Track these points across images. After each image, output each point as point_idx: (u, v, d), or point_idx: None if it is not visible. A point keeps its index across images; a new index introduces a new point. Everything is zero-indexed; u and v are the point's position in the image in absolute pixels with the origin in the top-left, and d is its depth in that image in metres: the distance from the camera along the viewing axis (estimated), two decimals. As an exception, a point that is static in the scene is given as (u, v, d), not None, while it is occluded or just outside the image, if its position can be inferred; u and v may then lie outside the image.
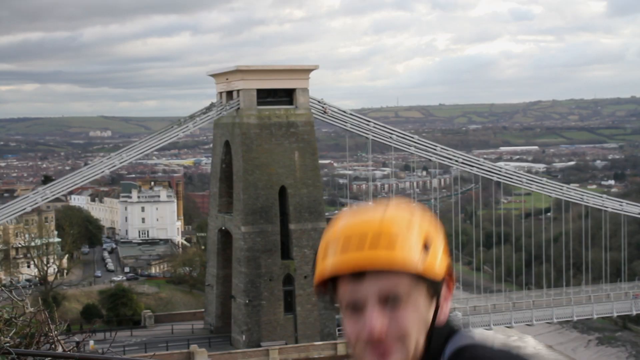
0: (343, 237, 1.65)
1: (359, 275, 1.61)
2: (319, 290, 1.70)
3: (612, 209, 58.09)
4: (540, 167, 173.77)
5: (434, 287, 1.64)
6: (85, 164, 70.52)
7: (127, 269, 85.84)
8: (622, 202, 59.79)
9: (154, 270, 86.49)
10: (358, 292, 1.61)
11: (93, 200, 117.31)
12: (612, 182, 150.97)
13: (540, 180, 59.68)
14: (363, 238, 1.62)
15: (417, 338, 1.60)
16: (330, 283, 1.67)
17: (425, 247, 1.64)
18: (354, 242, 1.62)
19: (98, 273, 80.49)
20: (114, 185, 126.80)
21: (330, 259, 1.65)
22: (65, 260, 76.90)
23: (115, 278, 77.50)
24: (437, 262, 1.65)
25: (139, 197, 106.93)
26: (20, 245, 74.13)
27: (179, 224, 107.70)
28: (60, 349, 3.10)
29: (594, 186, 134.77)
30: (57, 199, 71.80)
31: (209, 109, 53.03)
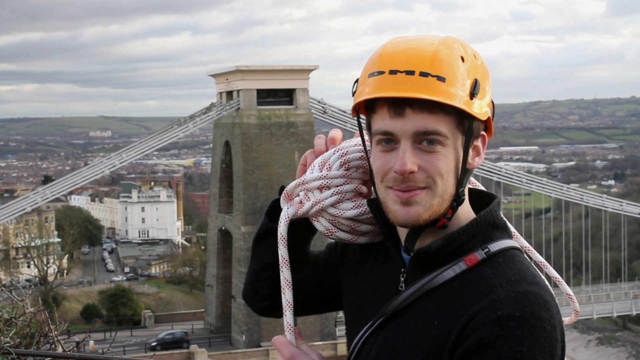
0: (390, 58, 1.47)
1: (398, 105, 1.45)
2: (354, 113, 1.57)
3: (612, 209, 58.07)
4: (540, 167, 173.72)
5: (475, 128, 1.52)
6: (85, 164, 70.48)
7: (127, 269, 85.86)
8: (622, 202, 59.76)
9: (154, 270, 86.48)
10: (394, 125, 1.46)
11: (93, 200, 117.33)
12: (612, 182, 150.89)
13: (540, 180, 59.65)
14: (413, 62, 1.44)
15: (447, 181, 1.48)
16: (366, 108, 1.53)
17: (476, 82, 1.48)
18: (403, 64, 1.44)
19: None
20: (114, 185, 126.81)
21: (372, 80, 1.47)
22: (65, 261, 76.90)
23: (115, 278, 77.49)
24: (485, 100, 1.52)
25: (139, 197, 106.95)
26: (20, 246, 74.14)
27: (179, 224, 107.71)
28: (60, 349, 3.10)
29: (594, 186, 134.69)
30: (57, 199, 71.81)
31: (209, 109, 53.05)
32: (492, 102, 1.59)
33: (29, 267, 74.30)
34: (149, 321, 58.22)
